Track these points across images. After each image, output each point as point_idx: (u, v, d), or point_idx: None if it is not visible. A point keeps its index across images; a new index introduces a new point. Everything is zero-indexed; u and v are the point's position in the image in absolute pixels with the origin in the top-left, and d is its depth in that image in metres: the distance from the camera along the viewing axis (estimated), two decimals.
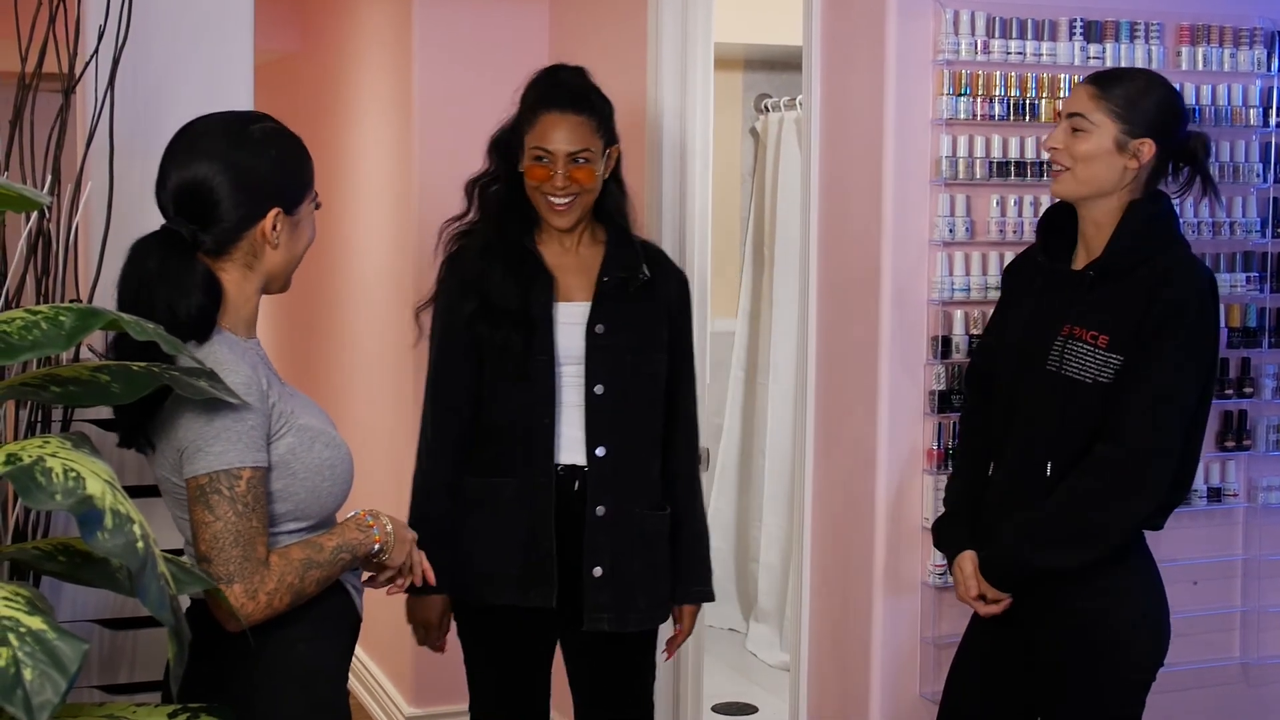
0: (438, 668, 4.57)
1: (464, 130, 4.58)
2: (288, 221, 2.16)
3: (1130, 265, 2.54)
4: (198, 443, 2.02)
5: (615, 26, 4.05)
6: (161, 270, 2.07)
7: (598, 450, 2.90)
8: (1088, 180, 2.56)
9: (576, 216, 2.93)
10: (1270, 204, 3.20)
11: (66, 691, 1.50)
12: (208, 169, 2.10)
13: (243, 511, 2.02)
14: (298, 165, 2.20)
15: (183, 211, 2.12)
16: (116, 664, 3.16)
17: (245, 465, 2.03)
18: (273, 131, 2.18)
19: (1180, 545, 3.13)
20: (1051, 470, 2.56)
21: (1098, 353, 2.52)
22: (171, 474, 2.09)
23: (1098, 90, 2.57)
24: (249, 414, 2.04)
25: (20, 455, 1.70)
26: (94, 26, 3.17)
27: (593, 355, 2.91)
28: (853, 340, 3.06)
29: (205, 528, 2.02)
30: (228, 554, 2.01)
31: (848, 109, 3.08)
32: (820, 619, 3.19)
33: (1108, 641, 2.56)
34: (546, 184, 2.91)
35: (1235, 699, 3.27)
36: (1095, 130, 2.54)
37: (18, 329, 1.79)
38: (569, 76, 3.00)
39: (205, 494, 2.02)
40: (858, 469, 3.03)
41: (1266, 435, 3.21)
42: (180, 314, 2.05)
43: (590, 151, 2.90)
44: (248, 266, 2.15)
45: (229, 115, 2.21)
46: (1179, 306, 2.49)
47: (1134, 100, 2.54)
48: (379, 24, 4.90)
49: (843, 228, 3.10)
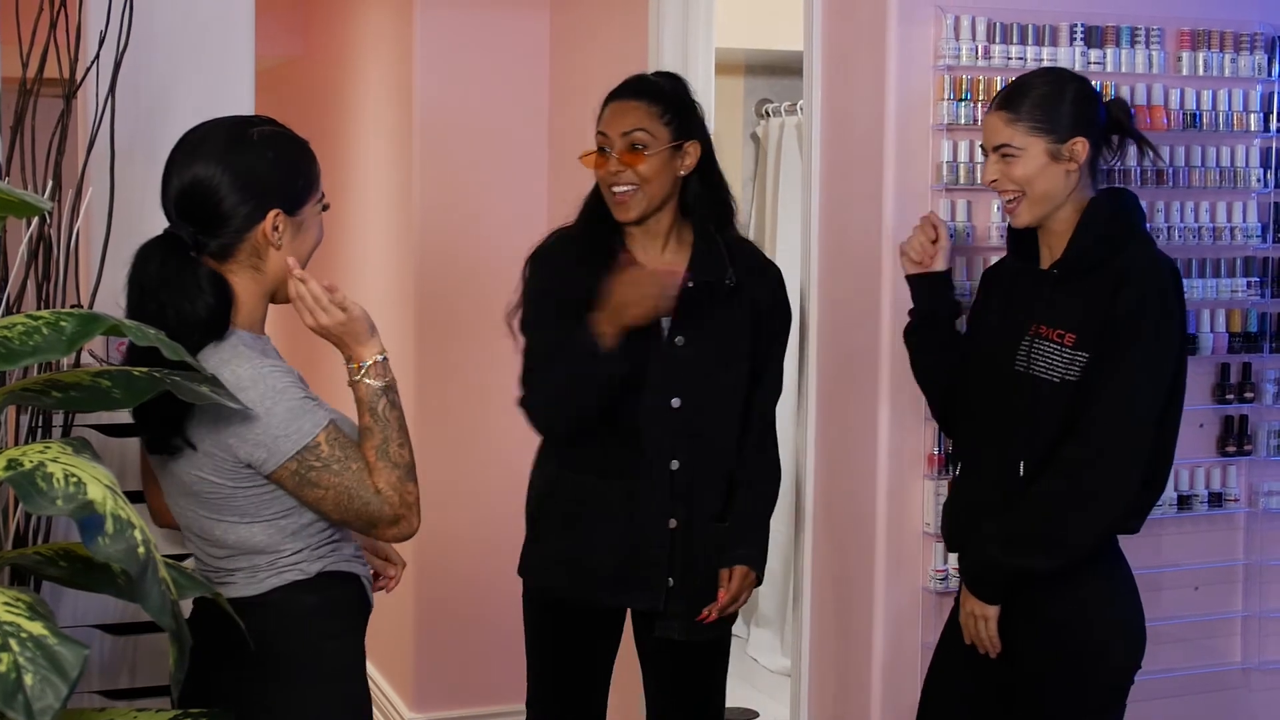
0: (439, 672, 4.59)
1: (465, 134, 4.60)
2: (290, 223, 2.16)
3: (1093, 262, 2.55)
4: (269, 433, 2.06)
5: (616, 30, 4.05)
6: (163, 274, 2.09)
7: (672, 464, 2.90)
8: (1041, 199, 2.57)
9: (640, 210, 2.90)
10: (1271, 209, 3.19)
11: (67, 697, 1.50)
12: (207, 171, 2.12)
13: (340, 469, 2.08)
14: (299, 167, 2.20)
15: (185, 215, 2.13)
16: (117, 669, 3.16)
17: (316, 430, 2.07)
18: (273, 134, 2.19)
19: (1181, 550, 3.13)
20: (1025, 470, 2.56)
21: (1064, 351, 2.52)
22: (214, 474, 2.10)
23: (1009, 114, 2.57)
24: (292, 384, 2.08)
25: (21, 460, 1.70)
26: (95, 32, 3.17)
27: (671, 368, 2.90)
28: (853, 345, 3.05)
29: (323, 502, 2.09)
30: (356, 508, 2.09)
31: (849, 114, 3.08)
32: (821, 624, 3.18)
33: (1083, 648, 2.56)
34: (602, 171, 2.90)
35: (1236, 704, 3.27)
36: (1024, 153, 2.55)
37: (19, 334, 1.79)
38: (648, 74, 3.02)
39: (303, 475, 2.07)
40: (858, 474, 3.03)
41: (1267, 440, 3.21)
42: (190, 316, 2.07)
43: (646, 134, 2.86)
44: (254, 269, 2.16)
45: (230, 119, 2.23)
46: (1141, 304, 2.48)
47: (1047, 109, 2.55)
48: (380, 29, 4.91)
49: (844, 233, 3.10)
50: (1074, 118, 2.55)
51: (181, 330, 2.03)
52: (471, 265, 4.46)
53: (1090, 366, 2.50)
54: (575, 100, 4.33)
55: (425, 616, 4.56)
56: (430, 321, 4.51)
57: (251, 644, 2.05)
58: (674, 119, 2.90)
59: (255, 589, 2.15)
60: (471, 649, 4.56)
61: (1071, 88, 2.58)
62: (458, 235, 4.51)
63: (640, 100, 2.90)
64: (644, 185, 2.88)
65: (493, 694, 4.56)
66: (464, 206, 4.50)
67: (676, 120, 2.91)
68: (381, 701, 4.85)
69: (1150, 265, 2.54)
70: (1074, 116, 2.55)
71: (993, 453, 2.62)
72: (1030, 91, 2.57)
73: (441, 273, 4.50)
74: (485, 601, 4.52)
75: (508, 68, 4.49)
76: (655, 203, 2.91)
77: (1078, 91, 2.58)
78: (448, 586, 4.55)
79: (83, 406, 1.96)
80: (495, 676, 4.54)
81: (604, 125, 2.92)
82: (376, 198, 4.99)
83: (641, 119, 2.88)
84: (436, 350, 4.55)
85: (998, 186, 2.60)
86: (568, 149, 4.38)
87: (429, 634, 4.58)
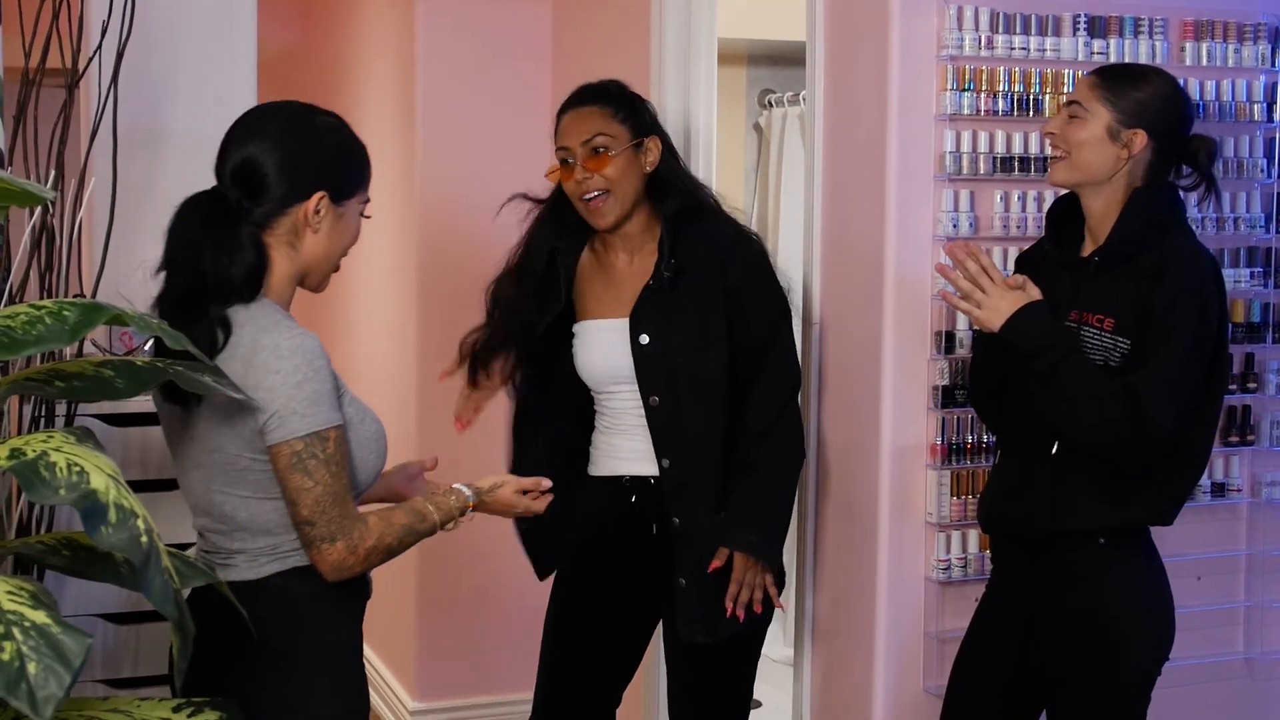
0: (441, 661, 4.59)
1: (467, 125, 4.59)
2: (332, 210, 2.23)
3: (1133, 251, 2.55)
4: (290, 407, 2.07)
5: (619, 20, 4.05)
6: (206, 227, 2.15)
7: (662, 462, 2.90)
8: (1081, 166, 2.58)
9: (615, 214, 2.91)
10: (1274, 199, 3.19)
11: (70, 685, 1.50)
12: (264, 142, 2.19)
13: (335, 472, 2.10)
14: (352, 161, 2.30)
15: (237, 180, 2.19)
16: (120, 658, 3.17)
17: (331, 425, 2.10)
18: (336, 127, 2.28)
19: (1184, 540, 3.13)
20: (1058, 449, 2.57)
21: (1104, 336, 2.53)
22: (232, 442, 2.12)
23: (1097, 80, 2.60)
24: (326, 374, 2.11)
25: (24, 450, 1.70)
26: (97, 22, 3.17)
27: (642, 367, 2.90)
28: (856, 335, 3.05)
29: (306, 493, 2.09)
30: (330, 514, 2.09)
31: (851, 104, 3.07)
32: (823, 614, 3.19)
33: (1113, 636, 2.56)
34: (570, 181, 2.91)
35: (1239, 694, 3.27)
36: (1089, 117, 2.57)
37: (21, 324, 1.79)
38: (593, 82, 3.02)
39: (302, 460, 2.08)
40: (861, 464, 3.03)
41: (1270, 430, 3.21)
42: (225, 272, 2.12)
43: (607, 138, 2.88)
44: (290, 246, 2.21)
45: (299, 103, 2.32)
46: (1182, 297, 2.49)
47: (1130, 92, 2.56)
48: (382, 19, 4.90)
49: (846, 223, 3.10)
50: (1146, 112, 2.55)
51: (215, 284, 2.11)
52: (474, 258, 4.45)
53: (1131, 354, 2.50)
54: None
55: (428, 605, 4.57)
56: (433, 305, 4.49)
57: (253, 630, 2.06)
58: (628, 117, 2.93)
59: (255, 573, 2.16)
60: (474, 638, 4.57)
61: (1164, 89, 2.58)
62: (460, 228, 4.50)
63: (593, 105, 2.93)
64: (614, 187, 2.89)
65: (495, 683, 4.56)
66: (466, 197, 4.50)
67: (632, 118, 2.94)
68: (384, 690, 4.85)
69: (1191, 255, 2.54)
70: (1150, 112, 2.56)
71: (1029, 436, 2.62)
72: (1128, 73, 2.60)
73: (444, 266, 4.49)
74: (488, 590, 4.53)
75: (510, 58, 4.48)
76: (628, 205, 2.92)
77: (1164, 94, 2.58)
78: (450, 575, 4.55)
79: (86, 396, 1.96)
80: (498, 665, 4.55)
81: (563, 138, 2.95)
82: (378, 188, 4.97)
83: (598, 123, 2.90)
84: (438, 334, 4.53)
85: (1052, 140, 2.62)
86: None
87: (431, 623, 4.58)
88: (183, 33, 3.48)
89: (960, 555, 2.97)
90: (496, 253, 4.39)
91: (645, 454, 2.93)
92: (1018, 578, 2.68)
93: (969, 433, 2.97)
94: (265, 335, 2.10)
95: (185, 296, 2.12)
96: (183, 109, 3.47)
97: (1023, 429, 2.66)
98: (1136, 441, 2.46)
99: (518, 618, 4.53)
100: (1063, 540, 2.59)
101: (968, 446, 2.97)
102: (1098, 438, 2.48)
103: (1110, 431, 2.46)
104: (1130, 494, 2.56)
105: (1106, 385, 2.47)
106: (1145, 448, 2.48)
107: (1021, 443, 2.66)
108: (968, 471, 2.96)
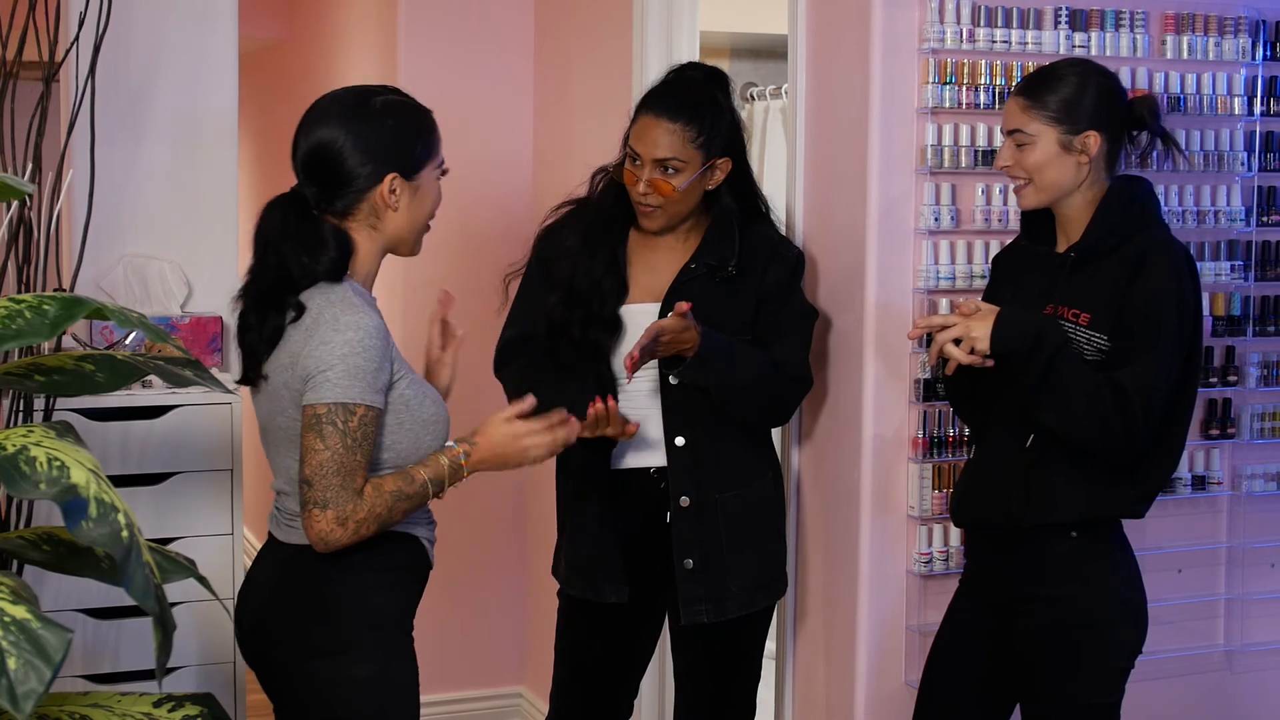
0: (442, 654, 4.58)
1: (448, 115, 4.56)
2: (407, 186, 2.31)
3: (1110, 246, 2.56)
4: (327, 374, 2.16)
5: (600, 13, 4.04)
6: (285, 228, 2.25)
7: (677, 440, 2.90)
8: (1047, 187, 2.58)
9: (662, 223, 2.91)
10: (1255, 193, 3.20)
11: (51, 680, 1.49)
12: (330, 135, 2.27)
13: (350, 445, 2.16)
14: (416, 134, 2.35)
15: (310, 175, 2.29)
16: (101, 653, 3.15)
17: (362, 402, 2.17)
18: (393, 103, 2.35)
19: (1164, 533, 3.14)
20: (1032, 443, 2.57)
21: (1079, 330, 2.54)
22: (288, 408, 2.23)
23: (1025, 101, 2.57)
24: (375, 356, 2.20)
25: (4, 444, 1.69)
26: (75, 13, 3.15)
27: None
28: (838, 329, 3.06)
29: (314, 454, 2.16)
30: (328, 481, 2.15)
31: (833, 97, 3.07)
32: (806, 607, 3.19)
33: (1087, 630, 2.57)
34: (632, 183, 2.89)
35: (1219, 686, 3.28)
36: (1036, 140, 2.55)
37: (1, 318, 1.79)
38: (687, 79, 2.96)
39: (320, 423, 2.16)
40: (843, 457, 3.03)
41: (1250, 423, 3.22)
42: (310, 269, 2.23)
43: (680, 162, 2.83)
44: (372, 227, 2.31)
45: (356, 88, 2.41)
46: (1162, 293, 2.49)
47: (1065, 101, 2.54)
48: (364, 11, 4.89)
49: (828, 216, 3.10)
50: (1091, 111, 2.55)
51: (301, 278, 2.23)
52: (457, 251, 4.44)
53: (1110, 351, 2.50)
54: (560, 82, 4.32)
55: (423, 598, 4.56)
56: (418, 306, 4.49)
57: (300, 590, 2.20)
58: (707, 140, 2.85)
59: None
60: (468, 631, 4.56)
61: (1094, 81, 2.57)
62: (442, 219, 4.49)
63: (675, 123, 2.84)
64: (670, 206, 2.88)
65: (489, 676, 4.56)
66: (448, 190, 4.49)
67: (709, 141, 2.86)
68: None
69: (1166, 250, 2.54)
70: (1091, 110, 2.55)
71: (1004, 429, 2.63)
72: (1051, 80, 2.57)
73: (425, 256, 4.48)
74: (482, 583, 4.52)
75: (492, 50, 4.47)
76: (679, 218, 2.92)
77: (1100, 86, 2.57)
78: (444, 568, 4.53)
79: (66, 391, 1.96)
80: (492, 658, 4.55)
81: (635, 140, 2.88)
82: None
83: (675, 147, 2.83)
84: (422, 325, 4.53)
85: (1009, 171, 2.61)
86: (553, 131, 4.37)
87: (421, 615, 4.56)
88: (162, 24, 3.46)
89: (942, 549, 2.98)
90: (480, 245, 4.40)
91: (656, 442, 2.92)
92: (991, 571, 2.68)
93: (950, 426, 2.97)
94: (329, 309, 2.21)
95: (271, 288, 2.24)
96: (162, 101, 3.45)
97: (998, 423, 2.66)
98: (1126, 437, 2.47)
99: (511, 610, 4.53)
100: (1036, 533, 2.59)
101: (949, 440, 2.97)
102: (1091, 431, 2.48)
103: (1102, 425, 2.47)
104: (1105, 487, 2.56)
105: (1096, 380, 2.48)
106: (1132, 443, 2.48)
107: (996, 436, 2.67)
108: (949, 465, 2.97)
